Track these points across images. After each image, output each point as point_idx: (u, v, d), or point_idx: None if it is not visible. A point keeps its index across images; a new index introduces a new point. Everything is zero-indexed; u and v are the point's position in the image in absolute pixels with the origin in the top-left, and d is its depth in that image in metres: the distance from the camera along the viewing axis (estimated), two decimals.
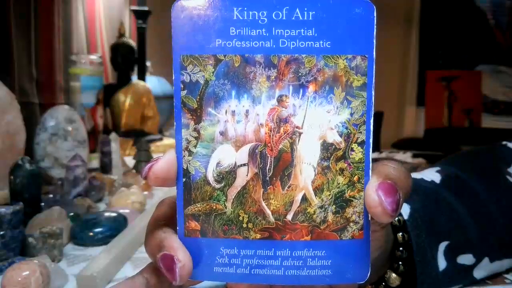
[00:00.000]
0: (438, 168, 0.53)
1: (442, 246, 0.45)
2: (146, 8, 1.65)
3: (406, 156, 1.45)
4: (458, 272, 0.46)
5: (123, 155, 1.18)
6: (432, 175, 0.51)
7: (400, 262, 0.43)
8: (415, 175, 0.51)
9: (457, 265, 0.46)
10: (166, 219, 0.33)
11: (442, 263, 0.45)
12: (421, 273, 0.44)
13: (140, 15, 1.65)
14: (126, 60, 1.53)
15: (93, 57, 1.24)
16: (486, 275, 0.49)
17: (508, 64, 2.38)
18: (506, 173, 0.52)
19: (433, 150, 1.51)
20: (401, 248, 0.43)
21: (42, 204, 0.71)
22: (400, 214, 0.44)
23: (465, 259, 0.46)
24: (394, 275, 0.43)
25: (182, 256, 0.30)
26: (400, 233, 0.43)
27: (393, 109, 2.47)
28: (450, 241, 0.45)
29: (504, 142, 0.57)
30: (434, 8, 2.48)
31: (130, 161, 1.17)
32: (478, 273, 0.48)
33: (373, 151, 0.31)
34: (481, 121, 1.86)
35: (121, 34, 1.56)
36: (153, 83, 1.67)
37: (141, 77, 1.62)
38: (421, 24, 2.54)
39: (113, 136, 1.08)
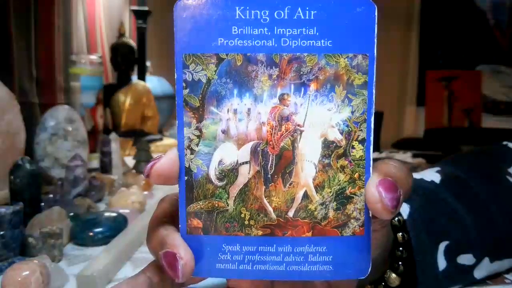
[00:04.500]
0: (438, 168, 0.53)
1: (442, 246, 0.45)
2: (146, 8, 1.65)
3: (406, 156, 1.46)
4: (458, 272, 0.46)
5: (123, 155, 1.18)
6: (432, 175, 0.51)
7: (400, 262, 0.43)
8: (415, 175, 0.51)
9: (457, 265, 0.46)
10: (168, 216, 0.34)
11: (442, 263, 0.45)
12: (421, 273, 0.44)
13: (140, 15, 1.65)
14: (126, 60, 1.53)
15: (93, 57, 1.24)
16: (486, 275, 0.49)
17: (508, 64, 2.39)
18: (506, 173, 0.52)
19: (433, 150, 1.51)
20: (401, 248, 0.43)
21: (42, 204, 0.71)
22: (400, 214, 0.45)
23: (465, 259, 0.46)
24: (394, 275, 0.43)
25: (184, 254, 0.30)
26: (400, 233, 0.43)
27: (393, 109, 2.47)
28: (450, 241, 0.45)
29: (504, 142, 0.57)
30: (434, 8, 2.49)
31: (130, 161, 1.17)
32: (478, 273, 0.48)
33: (373, 151, 0.31)
34: (481, 121, 1.86)
35: (121, 34, 1.57)
36: (153, 83, 1.67)
37: (141, 77, 1.62)
38: (421, 24, 2.54)
39: (113, 136, 1.08)
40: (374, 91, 0.30)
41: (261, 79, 0.30)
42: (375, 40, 0.30)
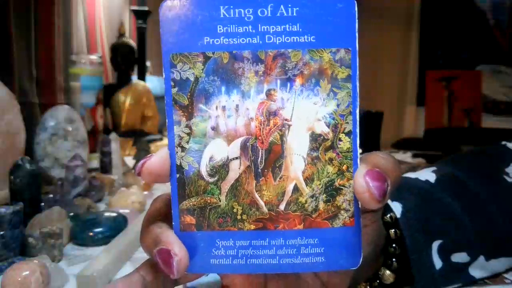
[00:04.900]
0: (434, 168, 0.53)
1: (435, 245, 0.45)
2: (146, 8, 1.66)
3: (406, 156, 1.46)
4: (454, 271, 0.46)
5: (123, 155, 1.19)
6: (427, 175, 0.51)
7: (394, 259, 0.43)
8: (410, 174, 0.52)
9: (451, 264, 0.46)
10: (162, 215, 0.34)
11: (437, 262, 0.45)
12: (417, 272, 0.44)
13: (140, 15, 1.65)
14: (126, 60, 1.53)
15: (93, 57, 1.25)
16: (486, 274, 0.49)
17: (508, 64, 2.38)
18: (504, 173, 0.52)
19: (433, 150, 1.51)
20: (394, 245, 0.43)
21: (42, 204, 0.71)
22: (392, 211, 0.45)
23: (459, 257, 0.46)
24: (388, 272, 0.43)
25: (178, 250, 0.30)
26: (393, 230, 0.43)
27: (393, 109, 2.47)
28: (443, 239, 0.46)
29: (503, 143, 0.57)
30: (434, 8, 2.49)
31: (130, 161, 1.17)
32: (476, 272, 0.48)
33: (373, 150, 0.32)
34: (481, 121, 1.86)
35: (121, 34, 1.57)
36: (153, 83, 1.67)
37: (141, 77, 1.63)
38: (421, 24, 2.54)
39: (113, 136, 1.08)
40: (358, 84, 0.31)
41: (247, 75, 0.30)
42: (357, 35, 0.30)
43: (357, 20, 0.30)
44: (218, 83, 0.30)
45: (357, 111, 0.31)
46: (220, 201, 0.31)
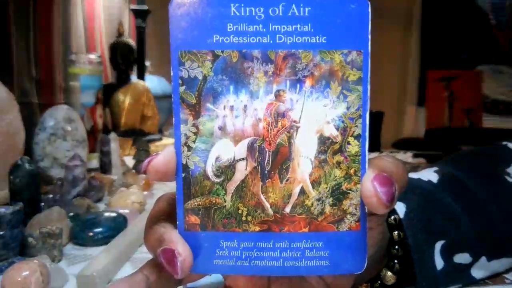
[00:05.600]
0: (436, 168, 0.53)
1: (438, 245, 0.45)
2: (145, 7, 1.65)
3: (406, 156, 1.46)
4: (456, 271, 0.46)
5: (122, 155, 1.18)
6: (429, 175, 0.51)
7: (396, 261, 0.43)
8: (413, 175, 0.51)
9: (454, 264, 0.46)
10: (165, 214, 0.34)
11: (439, 263, 0.45)
12: (419, 272, 0.44)
13: (139, 15, 1.65)
14: (126, 59, 1.53)
15: (93, 56, 1.24)
16: (486, 275, 0.49)
17: (508, 64, 2.39)
18: (505, 173, 0.52)
19: (433, 150, 1.51)
20: (396, 247, 0.43)
21: (42, 204, 0.71)
22: (396, 213, 0.45)
23: (461, 258, 0.46)
24: (389, 273, 0.43)
25: (182, 250, 0.30)
26: (396, 232, 0.43)
27: (394, 109, 2.48)
28: (446, 240, 0.45)
29: (504, 143, 0.57)
30: (435, 8, 2.49)
31: (129, 161, 1.17)
32: (477, 273, 0.48)
33: (374, 151, 0.31)
34: (482, 121, 1.86)
35: (121, 34, 1.56)
36: (153, 83, 1.67)
37: (141, 76, 1.62)
38: (422, 24, 2.55)
39: (112, 135, 1.08)
40: (369, 87, 0.30)
41: (257, 75, 0.30)
42: (369, 37, 0.30)
43: (370, 22, 0.30)
44: (226, 82, 0.30)
45: (367, 114, 0.30)
46: (225, 201, 0.31)
